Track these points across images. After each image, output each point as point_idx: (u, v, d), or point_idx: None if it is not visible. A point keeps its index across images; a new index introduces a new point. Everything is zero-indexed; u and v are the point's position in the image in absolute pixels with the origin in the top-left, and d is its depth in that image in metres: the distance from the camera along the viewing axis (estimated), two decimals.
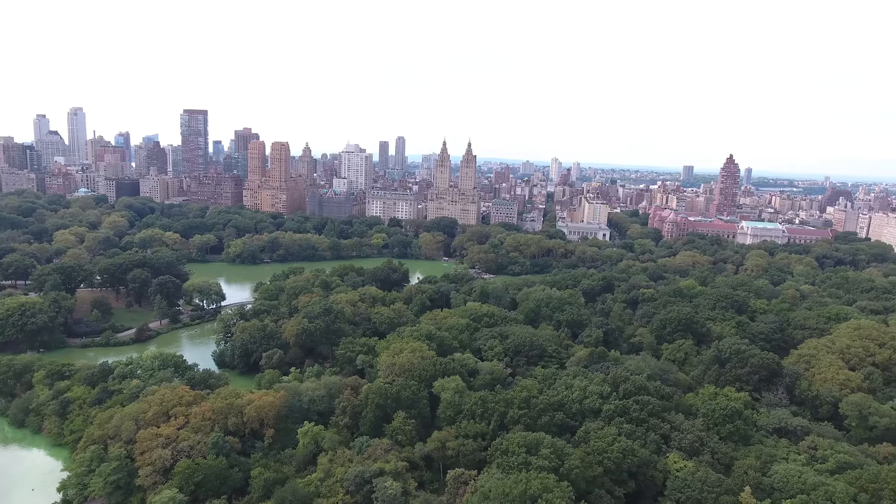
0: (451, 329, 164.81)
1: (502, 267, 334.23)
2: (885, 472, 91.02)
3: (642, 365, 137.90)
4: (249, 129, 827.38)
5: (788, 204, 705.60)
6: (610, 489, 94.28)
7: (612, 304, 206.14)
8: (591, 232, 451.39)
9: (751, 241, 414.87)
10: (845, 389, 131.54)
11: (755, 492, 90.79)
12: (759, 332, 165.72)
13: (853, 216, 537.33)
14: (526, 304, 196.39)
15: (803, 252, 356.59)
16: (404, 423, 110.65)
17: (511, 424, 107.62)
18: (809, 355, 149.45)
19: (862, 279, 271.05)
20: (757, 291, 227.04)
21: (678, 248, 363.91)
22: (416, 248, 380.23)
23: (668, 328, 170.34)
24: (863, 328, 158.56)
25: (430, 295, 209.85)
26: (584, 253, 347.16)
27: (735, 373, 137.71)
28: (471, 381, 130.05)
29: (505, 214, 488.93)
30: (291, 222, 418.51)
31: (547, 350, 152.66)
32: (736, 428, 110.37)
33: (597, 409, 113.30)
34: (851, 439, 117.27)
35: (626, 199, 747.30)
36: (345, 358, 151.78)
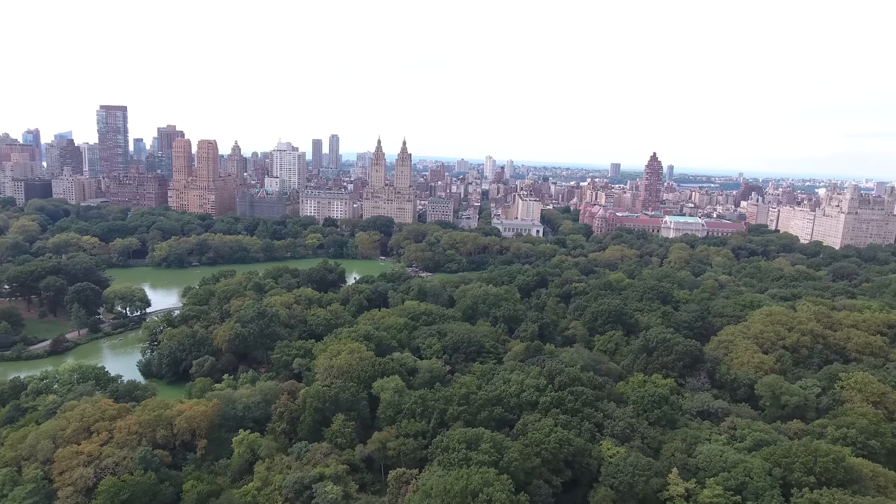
0: (389, 328, 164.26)
1: (439, 265, 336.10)
2: (795, 446, 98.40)
3: (576, 357, 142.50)
4: (174, 127, 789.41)
5: (707, 199, 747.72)
6: (548, 479, 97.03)
7: (547, 299, 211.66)
8: (525, 228, 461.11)
9: (674, 234, 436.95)
10: (760, 372, 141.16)
11: (682, 472, 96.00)
12: (683, 321, 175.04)
13: (764, 210, 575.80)
14: (463, 302, 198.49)
15: (721, 244, 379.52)
16: (344, 426, 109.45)
17: (451, 421, 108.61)
18: (728, 341, 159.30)
19: (772, 268, 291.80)
20: (680, 282, 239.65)
21: (607, 243, 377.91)
22: (352, 248, 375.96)
23: (599, 320, 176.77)
24: (774, 314, 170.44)
25: (367, 295, 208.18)
26: (518, 249, 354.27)
27: (662, 360, 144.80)
28: (410, 379, 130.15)
29: (441, 212, 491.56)
30: (221, 223, 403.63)
31: (485, 346, 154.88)
32: (663, 413, 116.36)
33: (534, 402, 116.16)
34: (766, 418, 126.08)
35: (558, 195, 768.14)
36: (281, 362, 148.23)
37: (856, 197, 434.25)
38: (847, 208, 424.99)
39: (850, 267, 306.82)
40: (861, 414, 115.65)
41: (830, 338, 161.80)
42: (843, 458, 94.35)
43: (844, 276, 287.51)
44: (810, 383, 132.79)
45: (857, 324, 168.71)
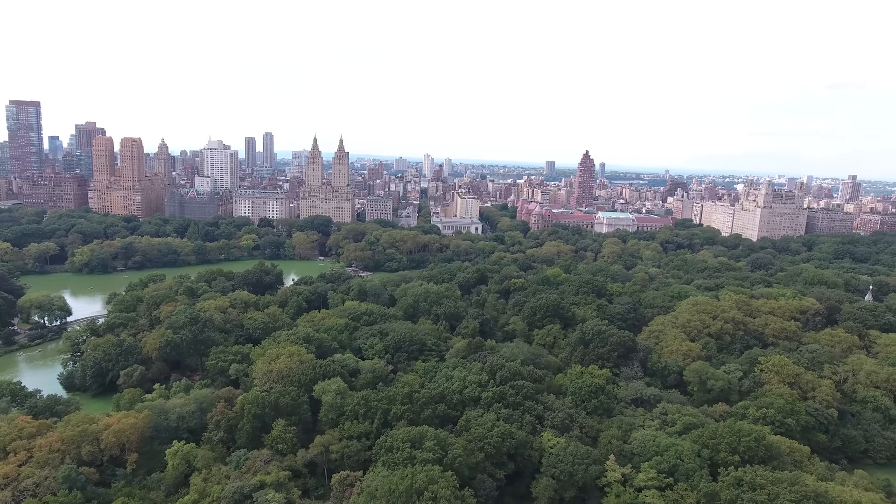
0: (329, 330, 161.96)
1: (379, 264, 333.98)
2: (721, 428, 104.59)
3: (516, 351, 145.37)
4: (93, 124, 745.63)
5: (636, 195, 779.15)
6: (491, 473, 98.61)
7: (487, 296, 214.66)
8: (465, 226, 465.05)
9: (606, 229, 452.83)
10: (688, 359, 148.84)
11: (618, 458, 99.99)
12: (616, 313, 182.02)
13: (689, 205, 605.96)
14: (404, 300, 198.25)
15: (650, 238, 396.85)
16: (285, 431, 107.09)
17: (395, 421, 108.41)
18: (658, 331, 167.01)
19: (697, 260, 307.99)
20: (613, 276, 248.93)
21: (544, 239, 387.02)
22: (289, 249, 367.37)
23: (538, 315, 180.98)
24: (699, 304, 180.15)
25: (306, 296, 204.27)
26: (458, 247, 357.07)
27: (597, 352, 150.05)
28: (352, 381, 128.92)
29: (380, 211, 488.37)
30: (149, 225, 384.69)
31: (427, 344, 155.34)
32: (600, 402, 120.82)
33: (476, 398, 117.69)
34: (694, 402, 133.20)
35: (496, 193, 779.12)
36: (216, 369, 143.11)
37: (770, 192, 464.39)
38: (762, 203, 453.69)
39: (766, 257, 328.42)
40: (778, 394, 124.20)
41: (750, 324, 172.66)
42: (763, 436, 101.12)
43: (761, 267, 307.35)
44: (733, 368, 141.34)
45: (773, 310, 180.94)
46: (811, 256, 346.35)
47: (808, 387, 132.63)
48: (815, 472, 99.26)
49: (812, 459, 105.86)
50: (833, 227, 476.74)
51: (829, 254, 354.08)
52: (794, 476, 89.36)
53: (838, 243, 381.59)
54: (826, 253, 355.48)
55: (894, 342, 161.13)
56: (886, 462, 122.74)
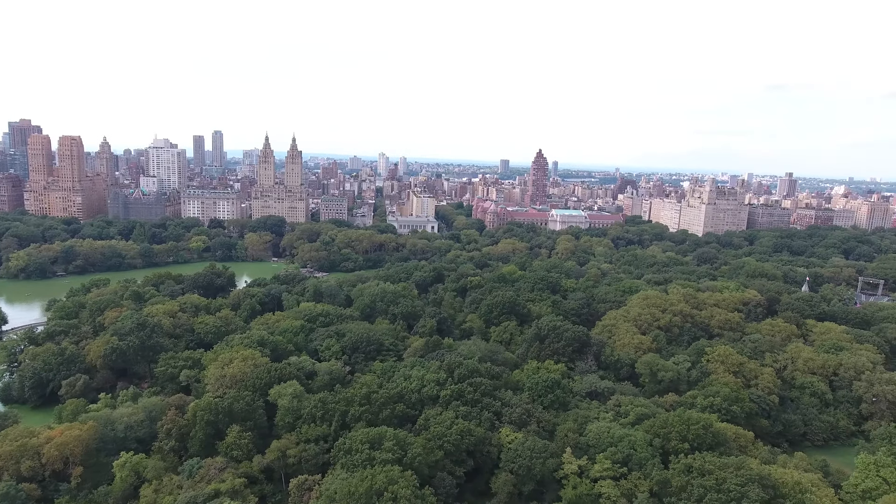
0: (284, 332, 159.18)
1: (335, 264, 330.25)
2: (671, 417, 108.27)
3: (473, 349, 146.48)
4: (29, 122, 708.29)
5: (588, 193, 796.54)
6: (451, 470, 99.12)
7: (444, 294, 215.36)
8: (421, 225, 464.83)
9: (560, 227, 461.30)
10: (639, 351, 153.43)
11: (575, 451, 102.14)
12: (571, 309, 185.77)
13: (638, 202, 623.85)
14: (361, 300, 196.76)
15: (602, 235, 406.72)
16: (240, 437, 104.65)
17: (353, 422, 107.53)
18: (611, 325, 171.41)
19: (647, 256, 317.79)
20: (567, 272, 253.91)
21: (500, 237, 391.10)
22: (241, 250, 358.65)
23: (494, 312, 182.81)
24: (650, 298, 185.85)
25: (260, 298, 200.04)
26: (414, 246, 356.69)
27: (553, 347, 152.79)
28: (309, 383, 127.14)
29: (335, 211, 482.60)
30: (91, 228, 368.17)
31: (384, 344, 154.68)
32: (556, 397, 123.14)
33: (435, 396, 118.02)
34: (646, 393, 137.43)
35: (451, 191, 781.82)
36: (166, 375, 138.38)
37: (713, 189, 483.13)
38: (707, 199, 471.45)
39: (711, 252, 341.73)
40: (724, 383, 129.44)
41: (697, 316, 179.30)
42: (710, 424, 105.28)
43: (707, 261, 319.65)
44: (682, 359, 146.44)
45: (718, 303, 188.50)
46: (752, 250, 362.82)
47: (751, 375, 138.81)
48: (758, 455, 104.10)
49: (756, 444, 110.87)
50: (772, 222, 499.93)
51: (769, 247, 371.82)
52: (740, 461, 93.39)
53: (777, 237, 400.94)
54: (766, 247, 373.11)
55: (829, 330, 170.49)
56: (823, 444, 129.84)
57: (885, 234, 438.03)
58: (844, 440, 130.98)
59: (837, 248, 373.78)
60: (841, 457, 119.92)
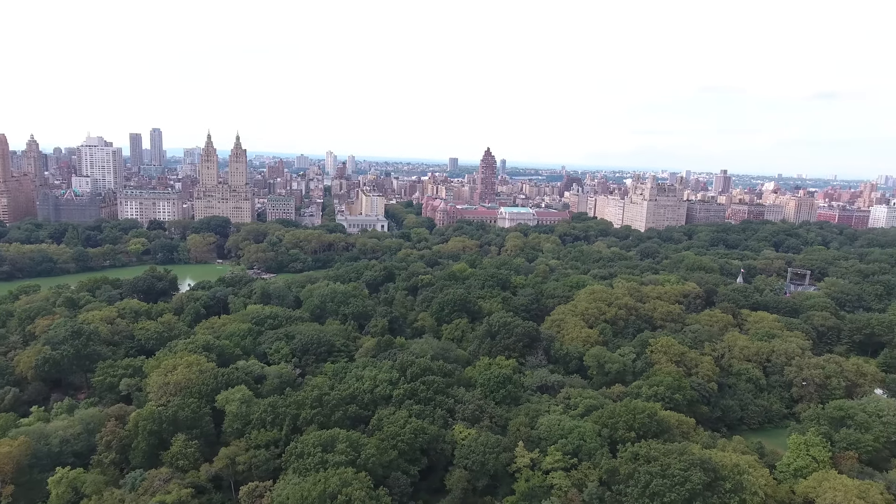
0: (231, 336, 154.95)
1: (283, 265, 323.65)
2: (618, 408, 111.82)
3: (426, 347, 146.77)
4: None
5: (536, 190, 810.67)
6: (405, 469, 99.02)
7: (395, 293, 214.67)
8: (370, 224, 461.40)
9: (509, 224, 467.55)
10: (587, 344, 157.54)
11: (527, 444, 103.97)
12: (521, 305, 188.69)
13: (584, 199, 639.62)
14: (311, 301, 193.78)
15: (549, 232, 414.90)
16: (185, 446, 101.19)
17: (305, 426, 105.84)
18: (560, 319, 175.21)
19: (593, 251, 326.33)
20: (516, 269, 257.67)
21: (449, 235, 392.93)
22: (184, 252, 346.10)
23: (445, 310, 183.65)
24: (596, 292, 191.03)
25: (204, 302, 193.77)
26: (364, 245, 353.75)
27: (504, 343, 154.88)
28: (258, 388, 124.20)
29: (282, 210, 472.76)
30: (18, 231, 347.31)
31: (335, 345, 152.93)
32: (508, 392, 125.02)
33: (388, 396, 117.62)
34: (594, 385, 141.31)
35: (401, 190, 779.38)
36: (104, 385, 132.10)
37: (654, 186, 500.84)
38: (648, 196, 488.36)
39: (653, 246, 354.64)
40: (667, 373, 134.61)
41: (641, 309, 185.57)
42: (655, 412, 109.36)
43: (649, 255, 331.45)
44: (627, 350, 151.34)
45: (660, 295, 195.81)
46: (691, 244, 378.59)
47: (692, 364, 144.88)
48: (700, 440, 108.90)
49: (697, 430, 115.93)
50: (709, 217, 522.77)
51: (706, 241, 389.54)
52: (683, 446, 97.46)
53: (713, 232, 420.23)
54: (704, 241, 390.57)
55: (762, 319, 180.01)
56: (759, 427, 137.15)
57: (811, 227, 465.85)
58: (778, 422, 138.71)
59: (768, 241, 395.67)
60: (775, 438, 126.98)
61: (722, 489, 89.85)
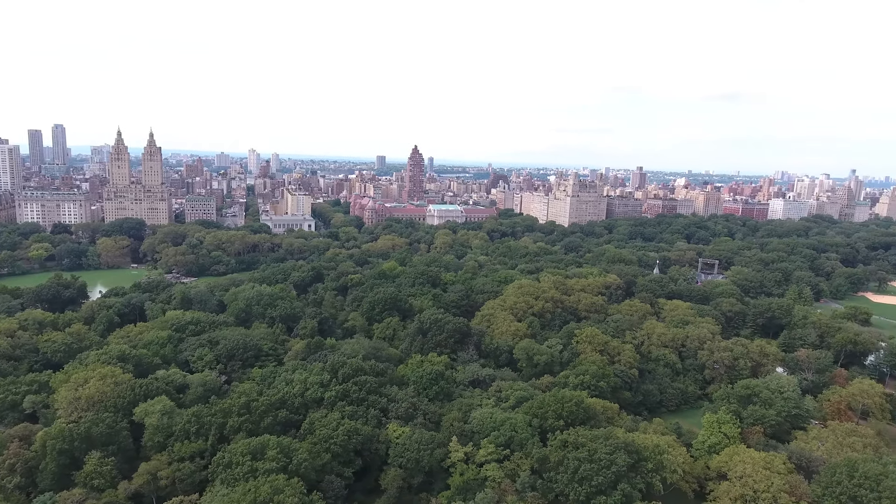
0: (149, 345, 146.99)
1: (205, 268, 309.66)
2: (547, 398, 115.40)
3: (357, 347, 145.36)
4: None
5: (463, 188, 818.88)
6: (339, 472, 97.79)
7: (324, 293, 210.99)
8: (297, 223, 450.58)
9: (437, 222, 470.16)
10: (516, 338, 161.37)
11: (460, 439, 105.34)
12: (451, 301, 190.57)
13: (510, 196, 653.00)
14: (235, 305, 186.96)
15: (477, 228, 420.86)
16: (101, 464, 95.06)
17: (232, 434, 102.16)
18: (489, 314, 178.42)
19: (520, 247, 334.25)
20: (446, 266, 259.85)
21: (379, 233, 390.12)
22: (93, 258, 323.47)
23: (376, 309, 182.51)
24: (524, 286, 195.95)
25: (118, 309, 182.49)
26: (291, 245, 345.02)
27: (435, 339, 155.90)
28: (180, 397, 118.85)
29: (202, 211, 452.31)
30: None
31: (263, 349, 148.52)
32: (441, 388, 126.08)
33: (319, 398, 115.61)
34: (523, 377, 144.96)
35: (328, 189, 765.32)
36: (6, 403, 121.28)
37: (576, 183, 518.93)
38: (571, 192, 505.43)
39: (577, 241, 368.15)
40: (592, 361, 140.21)
41: (566, 301, 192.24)
42: (582, 400, 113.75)
43: (573, 249, 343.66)
44: (554, 342, 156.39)
45: (584, 288, 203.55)
46: (612, 238, 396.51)
47: (614, 352, 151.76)
48: (623, 425, 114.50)
49: (621, 414, 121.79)
50: (627, 212, 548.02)
51: (625, 235, 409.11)
52: (608, 431, 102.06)
53: (631, 226, 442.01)
54: (623, 234, 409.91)
55: (677, 307, 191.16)
56: (676, 408, 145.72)
57: (718, 219, 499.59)
58: (693, 403, 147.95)
59: (681, 233, 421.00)
60: (691, 418, 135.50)
61: (645, 469, 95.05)
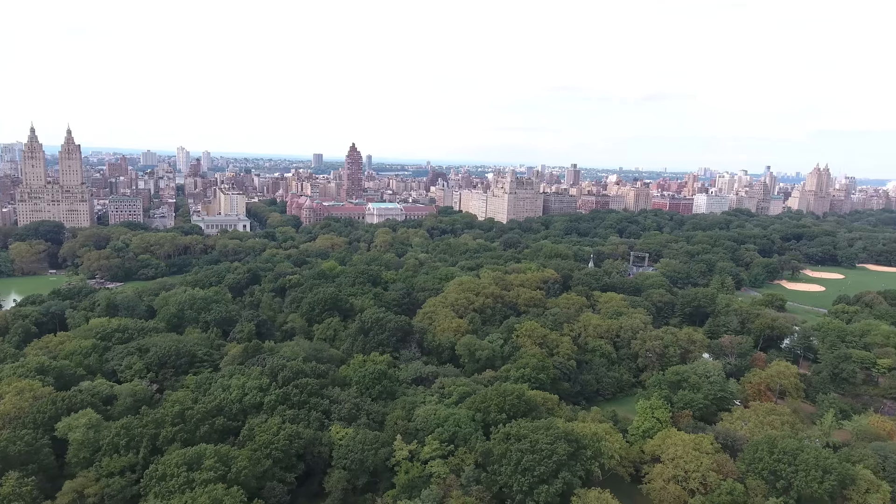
0: (72, 355, 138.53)
1: (132, 272, 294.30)
2: (489, 392, 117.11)
3: (297, 349, 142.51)
4: None
5: (403, 186, 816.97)
6: (281, 478, 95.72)
7: (261, 295, 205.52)
8: (231, 224, 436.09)
9: (377, 220, 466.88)
10: (458, 334, 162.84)
11: (405, 437, 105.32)
12: (392, 300, 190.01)
13: (449, 193, 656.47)
14: (166, 310, 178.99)
15: (417, 226, 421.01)
16: (20, 485, 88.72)
17: (166, 445, 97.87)
18: (431, 312, 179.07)
19: (460, 244, 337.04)
20: (387, 264, 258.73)
21: (317, 233, 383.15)
22: (6, 264, 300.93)
23: (316, 309, 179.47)
24: (464, 283, 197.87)
25: (35, 319, 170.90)
26: (225, 246, 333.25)
27: (377, 339, 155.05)
28: (108, 410, 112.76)
29: (128, 212, 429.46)
30: None
31: (197, 355, 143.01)
32: (384, 387, 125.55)
33: (258, 404, 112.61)
34: (466, 372, 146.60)
35: (263, 187, 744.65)
36: None
37: (514, 180, 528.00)
38: (509, 189, 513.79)
39: (515, 237, 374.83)
40: (532, 355, 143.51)
41: (506, 297, 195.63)
42: (523, 393, 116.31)
43: (511, 245, 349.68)
44: (495, 337, 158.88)
45: (523, 283, 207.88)
46: (548, 234, 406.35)
47: (553, 345, 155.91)
48: (563, 415, 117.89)
49: (560, 405, 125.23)
50: (562, 208, 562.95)
51: (561, 230, 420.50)
52: (549, 422, 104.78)
53: (567, 221, 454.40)
54: (559, 230, 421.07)
55: (611, 299, 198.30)
56: (612, 396, 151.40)
57: (648, 214, 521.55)
58: (628, 391, 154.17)
59: (613, 228, 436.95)
60: (626, 405, 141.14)
61: (584, 457, 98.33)
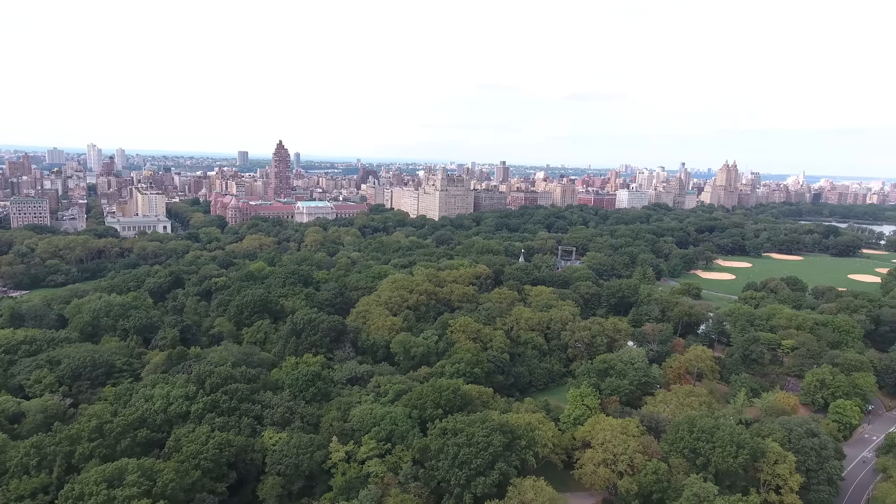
0: None
1: (38, 279, 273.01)
2: (425, 388, 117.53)
3: (225, 354, 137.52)
4: None
5: (333, 184, 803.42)
6: (212, 488, 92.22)
7: (185, 299, 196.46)
8: (150, 225, 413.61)
9: (307, 219, 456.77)
10: (392, 332, 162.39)
11: (341, 438, 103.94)
12: (325, 300, 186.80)
13: (381, 191, 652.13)
14: (80, 318, 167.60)
15: (349, 224, 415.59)
16: None
17: (83, 462, 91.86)
18: (364, 310, 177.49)
19: (392, 241, 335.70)
20: (318, 264, 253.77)
21: (244, 233, 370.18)
22: None
23: (245, 312, 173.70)
24: (398, 281, 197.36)
25: None
26: (144, 249, 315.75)
27: (310, 340, 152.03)
28: (15, 428, 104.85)
29: (33, 214, 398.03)
30: None
31: (116, 365, 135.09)
32: (318, 389, 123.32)
33: (185, 413, 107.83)
34: (401, 370, 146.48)
35: (184, 187, 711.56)
36: None
37: (444, 177, 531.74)
38: (440, 186, 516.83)
39: (447, 234, 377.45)
40: (466, 349, 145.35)
41: (440, 293, 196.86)
42: (458, 387, 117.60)
43: (444, 242, 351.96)
44: (430, 334, 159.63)
45: (456, 279, 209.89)
46: (480, 230, 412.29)
47: (487, 339, 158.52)
48: (498, 407, 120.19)
49: (495, 398, 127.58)
50: (493, 205, 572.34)
51: (492, 227, 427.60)
52: (484, 415, 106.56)
53: (497, 217, 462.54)
54: (490, 226, 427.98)
55: (541, 293, 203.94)
56: (544, 387, 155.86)
57: (574, 209, 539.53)
58: (559, 381, 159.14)
59: (542, 223, 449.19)
60: (558, 395, 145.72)
61: (519, 447, 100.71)
